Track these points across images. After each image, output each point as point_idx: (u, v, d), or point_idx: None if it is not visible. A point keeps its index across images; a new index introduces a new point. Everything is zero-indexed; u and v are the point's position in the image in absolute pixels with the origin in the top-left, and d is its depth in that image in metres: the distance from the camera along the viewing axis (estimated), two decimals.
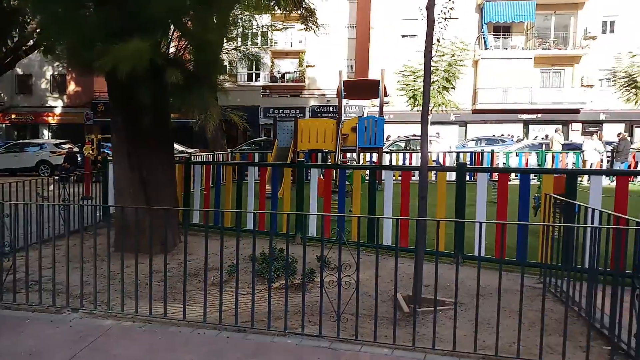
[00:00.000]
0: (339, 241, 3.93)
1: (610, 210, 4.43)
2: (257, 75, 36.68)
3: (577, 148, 19.58)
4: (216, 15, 6.47)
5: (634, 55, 20.79)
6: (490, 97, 32.73)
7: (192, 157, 13.94)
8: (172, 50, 6.83)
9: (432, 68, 15.97)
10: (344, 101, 19.19)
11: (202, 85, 6.14)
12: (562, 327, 3.57)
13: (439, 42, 4.33)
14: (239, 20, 8.55)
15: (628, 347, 3.56)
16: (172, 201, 6.98)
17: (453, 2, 4.46)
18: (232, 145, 20.11)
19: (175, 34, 6.66)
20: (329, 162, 15.28)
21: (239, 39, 9.46)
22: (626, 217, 3.83)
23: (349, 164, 14.06)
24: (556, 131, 21.84)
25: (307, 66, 37.07)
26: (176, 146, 17.59)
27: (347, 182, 7.56)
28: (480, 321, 4.03)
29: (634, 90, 20.70)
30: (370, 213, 6.75)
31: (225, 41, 8.59)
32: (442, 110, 20.27)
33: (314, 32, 14.10)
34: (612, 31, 32.19)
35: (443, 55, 19.34)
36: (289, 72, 37.37)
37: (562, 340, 3.51)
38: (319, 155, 16.20)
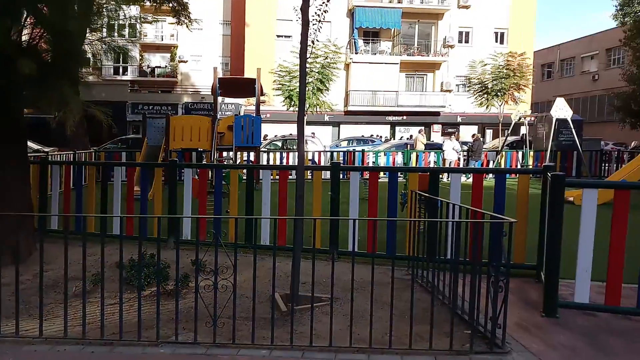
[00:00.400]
0: (215, 243, 3.81)
1: (468, 205, 4.83)
2: (125, 69, 34.60)
3: (437, 148, 21.19)
4: (77, 3, 5.94)
5: (485, 64, 23.06)
6: (360, 99, 34.28)
7: (50, 156, 12.70)
8: (25, 38, 6.13)
9: (307, 69, 16.21)
10: (220, 99, 18.81)
11: (61, 78, 5.60)
12: (429, 315, 3.81)
13: (313, 43, 4.38)
14: (104, 10, 7.94)
15: (485, 330, 3.90)
16: (24, 205, 6.28)
17: (327, 5, 4.54)
18: (96, 143, 18.70)
19: (29, 20, 6.00)
20: (204, 162, 14.86)
21: (104, 30, 8.79)
22: (482, 211, 4.19)
23: (225, 163, 13.79)
24: (420, 132, 23.47)
25: (179, 61, 35.78)
26: (31, 144, 15.94)
27: (223, 182, 7.39)
28: (356, 315, 4.16)
29: (485, 95, 22.96)
30: (248, 213, 6.67)
31: (88, 31, 7.94)
32: (317, 111, 20.74)
33: (187, 26, 13.60)
34: (467, 41, 35.48)
35: (317, 57, 19.78)
36: (159, 67, 35.78)
37: (429, 328, 3.74)
38: (193, 154, 15.69)
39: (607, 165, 20.28)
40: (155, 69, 35.53)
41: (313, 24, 4.17)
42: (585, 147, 22.05)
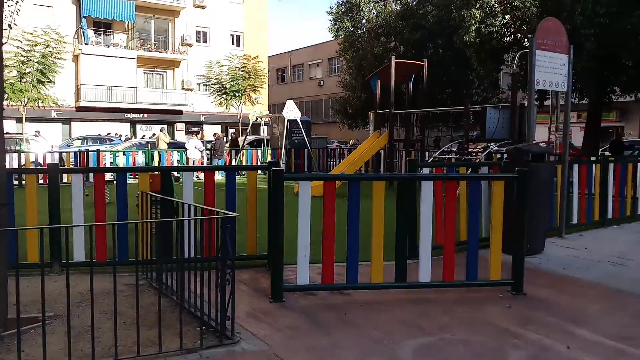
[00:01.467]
0: None
1: (206, 203, 4.86)
2: None
3: (181, 147, 20.98)
4: None
5: (222, 65, 23.69)
6: (94, 94, 31.63)
7: None
8: None
9: (23, 58, 13.88)
10: None
11: None
12: (165, 318, 3.70)
13: (10, 27, 3.79)
14: None
15: (216, 323, 3.98)
16: None
17: None
18: None
19: None
20: None
21: None
22: (209, 208, 4.26)
23: None
24: (161, 130, 22.84)
25: None
26: None
27: None
28: (81, 330, 3.80)
29: (224, 95, 23.59)
30: None
31: None
32: (38, 106, 18.27)
33: None
34: (205, 41, 35.92)
35: (36, 45, 17.42)
36: None
37: (170, 331, 3.64)
38: None
39: (332, 160, 23.04)
40: None
41: (8, 5, 3.61)
42: (315, 145, 24.70)
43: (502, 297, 4.94)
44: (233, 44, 36.83)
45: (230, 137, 20.38)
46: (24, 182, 6.21)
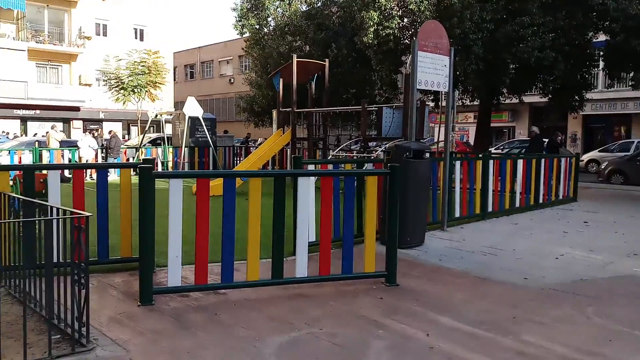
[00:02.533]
0: None
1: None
2: None
3: (74, 145, 19.74)
4: None
5: (120, 59, 22.57)
6: None
7: None
8: None
9: None
10: None
11: None
12: (18, 328, 3.40)
13: None
14: None
15: (73, 331, 3.73)
16: None
17: None
18: None
19: None
20: None
21: None
22: (64, 207, 3.97)
23: None
24: (52, 128, 21.37)
25: None
26: None
27: None
28: None
29: (122, 91, 22.50)
30: None
31: None
32: None
33: None
34: (105, 34, 34.04)
35: None
36: None
37: (20, 342, 3.34)
38: None
39: (239, 159, 22.73)
40: None
41: None
42: (221, 143, 24.26)
43: (376, 289, 5.07)
44: (136, 38, 35.22)
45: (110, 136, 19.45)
46: None
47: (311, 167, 6.49)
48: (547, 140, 15.30)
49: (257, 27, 20.93)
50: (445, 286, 5.27)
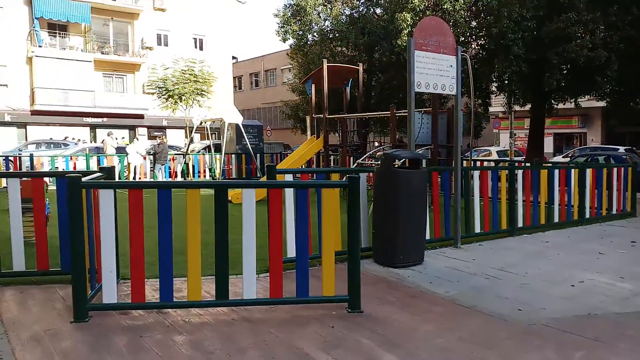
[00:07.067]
0: None
1: None
2: None
3: (125, 151, 20.38)
4: None
5: (167, 68, 23.13)
6: (50, 97, 30.81)
7: None
8: None
9: None
10: None
11: None
12: None
13: None
14: None
15: None
16: None
17: None
18: None
19: None
20: None
21: None
22: None
23: None
24: (108, 135, 22.28)
25: None
26: None
27: None
28: None
29: (171, 99, 23.05)
30: None
31: None
32: None
33: None
34: (166, 44, 35.27)
35: None
36: None
37: None
38: None
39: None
40: None
41: None
42: (269, 150, 24.27)
43: (334, 316, 4.50)
44: (195, 47, 36.25)
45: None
46: None
47: (289, 177, 6.00)
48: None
49: (300, 33, 20.69)
50: (416, 316, 4.61)
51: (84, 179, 4.24)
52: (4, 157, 17.67)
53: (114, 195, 4.34)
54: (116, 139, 24.62)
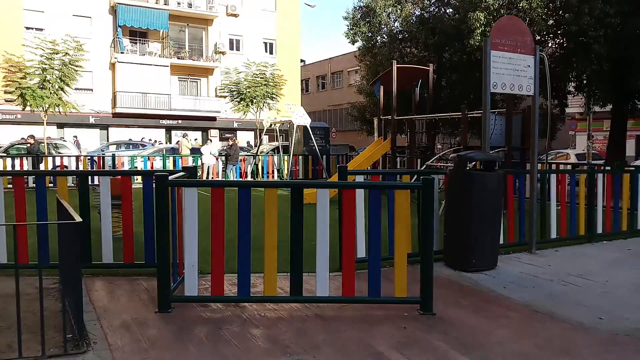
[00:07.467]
0: None
1: None
2: None
3: (199, 152, 21.24)
4: None
5: (240, 72, 23.84)
6: (129, 101, 32.64)
7: None
8: None
9: (44, 65, 14.22)
10: None
11: None
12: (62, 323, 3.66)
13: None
14: None
15: (74, 333, 3.83)
16: None
17: None
18: None
19: None
20: None
21: None
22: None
23: None
24: (184, 136, 23.29)
25: None
26: None
27: None
28: None
29: (242, 102, 23.74)
30: None
31: None
32: (59, 112, 18.95)
33: None
34: (238, 48, 36.38)
35: (56, 52, 18.10)
36: None
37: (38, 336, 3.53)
38: None
39: None
40: None
41: None
42: (335, 151, 24.42)
43: (406, 317, 4.52)
44: (266, 51, 37.13)
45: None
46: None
47: (360, 178, 6.07)
48: None
49: (369, 34, 20.69)
50: (491, 320, 4.54)
51: (170, 178, 4.52)
52: (89, 157, 18.91)
53: (197, 193, 4.59)
54: (190, 140, 25.68)
